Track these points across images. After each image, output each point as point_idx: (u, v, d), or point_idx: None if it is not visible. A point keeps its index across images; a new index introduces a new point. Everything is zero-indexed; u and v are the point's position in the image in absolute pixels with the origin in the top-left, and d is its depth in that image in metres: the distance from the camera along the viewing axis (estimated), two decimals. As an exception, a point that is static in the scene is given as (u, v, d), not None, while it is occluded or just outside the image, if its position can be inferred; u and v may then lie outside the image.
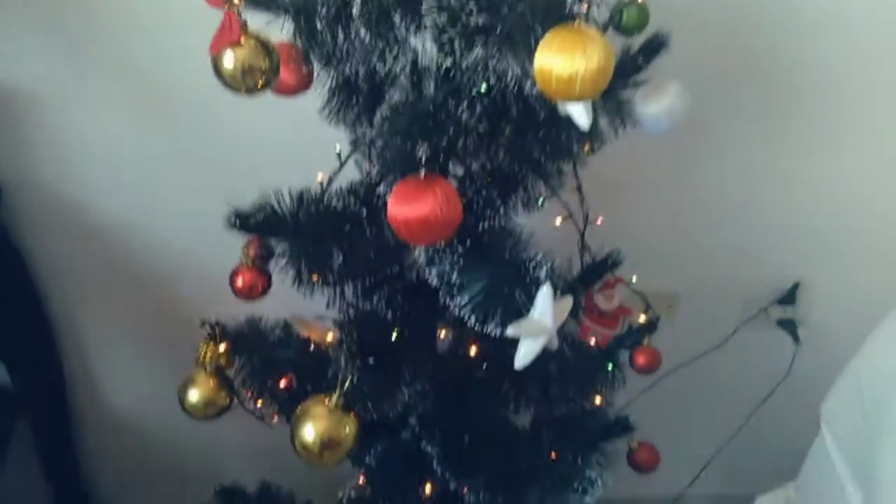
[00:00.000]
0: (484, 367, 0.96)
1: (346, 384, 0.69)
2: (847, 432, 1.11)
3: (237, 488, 1.12)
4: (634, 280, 1.00)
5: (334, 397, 0.69)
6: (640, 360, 0.98)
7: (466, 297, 0.72)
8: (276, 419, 1.04)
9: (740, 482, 1.50)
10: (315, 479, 1.12)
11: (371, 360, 0.70)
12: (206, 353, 0.89)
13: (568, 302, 0.69)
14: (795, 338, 1.41)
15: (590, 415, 1.02)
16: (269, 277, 0.81)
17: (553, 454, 0.84)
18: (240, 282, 0.79)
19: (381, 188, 0.73)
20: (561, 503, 0.78)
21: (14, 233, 1.23)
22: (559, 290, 0.68)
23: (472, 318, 0.71)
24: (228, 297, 0.92)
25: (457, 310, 0.73)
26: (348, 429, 0.69)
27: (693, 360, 1.37)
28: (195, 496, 1.48)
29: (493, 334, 0.71)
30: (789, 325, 1.41)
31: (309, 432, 0.68)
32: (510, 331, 0.66)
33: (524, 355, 0.68)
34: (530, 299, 0.68)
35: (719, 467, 1.54)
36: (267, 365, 0.91)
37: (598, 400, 1.00)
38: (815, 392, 1.24)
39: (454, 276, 0.74)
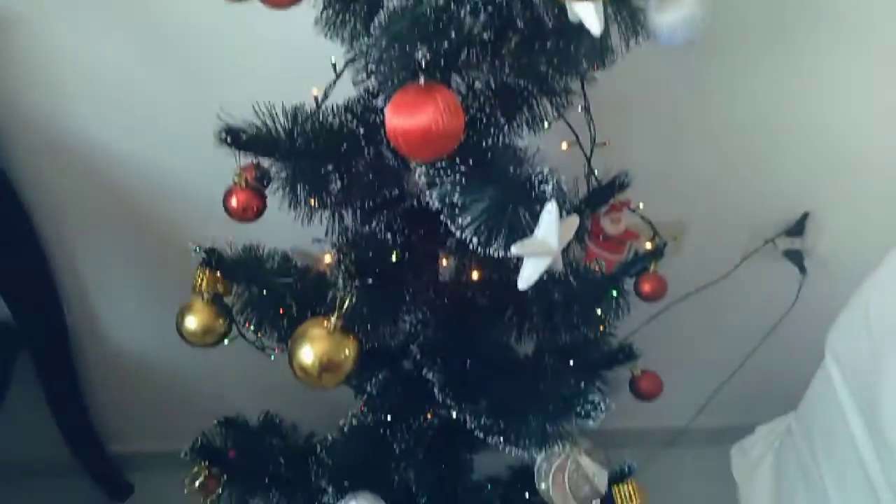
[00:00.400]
0: (486, 295, 0.95)
1: (345, 305, 0.67)
2: (852, 361, 1.10)
3: (240, 419, 1.12)
4: (641, 207, 0.97)
5: (333, 318, 0.67)
6: (646, 287, 0.96)
7: (469, 218, 0.69)
8: (276, 350, 1.04)
9: (742, 414, 1.52)
10: (317, 409, 1.12)
11: (370, 281, 0.68)
12: (202, 280, 0.87)
13: (574, 221, 0.66)
14: (802, 269, 1.39)
15: (593, 343, 1.01)
16: (264, 198, 0.78)
17: (555, 382, 0.83)
18: (234, 202, 0.76)
19: (380, 101, 0.69)
20: (562, 427, 0.77)
21: (5, 163, 1.20)
22: (565, 209, 0.65)
23: (475, 240, 0.68)
24: (227, 223, 0.89)
25: (459, 232, 0.71)
26: (348, 351, 0.68)
27: (698, 291, 1.36)
28: (198, 427, 1.50)
29: (495, 258, 0.68)
30: (796, 257, 1.39)
31: (307, 354, 0.66)
32: (514, 250, 0.64)
33: (528, 276, 0.65)
34: (535, 218, 0.66)
35: (722, 399, 1.55)
36: (265, 292, 0.89)
37: (601, 328, 0.98)
38: (820, 324, 1.23)
39: (456, 197, 0.71)
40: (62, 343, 1.38)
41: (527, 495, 1.50)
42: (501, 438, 0.81)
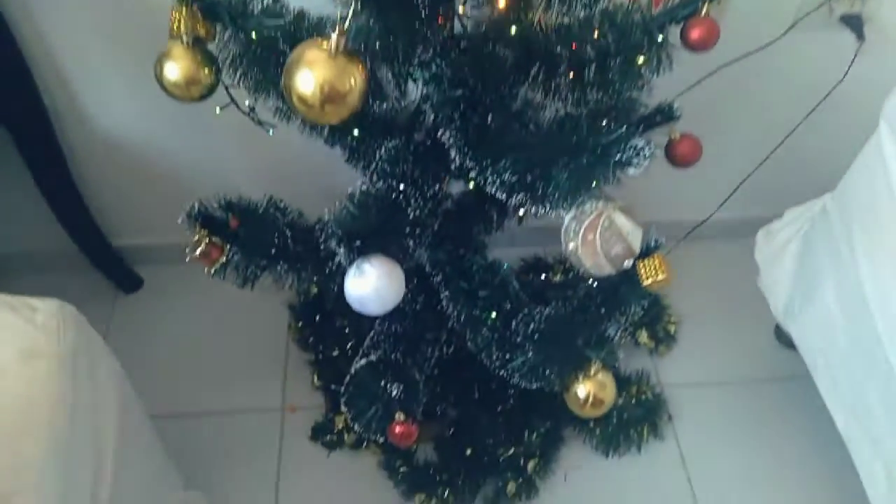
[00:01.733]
0: (510, 46, 0.82)
1: (349, 20, 0.55)
2: (911, 127, 0.99)
3: (248, 202, 1.03)
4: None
5: (334, 37, 0.56)
6: (695, 33, 0.82)
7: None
8: (274, 127, 0.94)
9: (775, 204, 1.44)
10: (326, 199, 1.05)
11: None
12: (179, 20, 0.74)
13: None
14: (860, 35, 1.23)
15: (629, 103, 0.90)
16: None
17: (590, 133, 0.73)
18: None
19: None
20: (598, 179, 0.68)
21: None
22: None
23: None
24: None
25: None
26: (354, 80, 0.57)
27: (741, 59, 1.21)
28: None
29: None
30: (855, 22, 1.23)
31: (306, 82, 0.56)
32: None
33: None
34: None
35: (754, 187, 1.46)
36: (254, 37, 0.77)
37: (640, 85, 0.87)
38: (872, 100, 1.10)
39: None
40: (43, 125, 1.28)
41: (542, 276, 1.48)
42: (527, 196, 0.73)
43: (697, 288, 1.56)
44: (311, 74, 0.55)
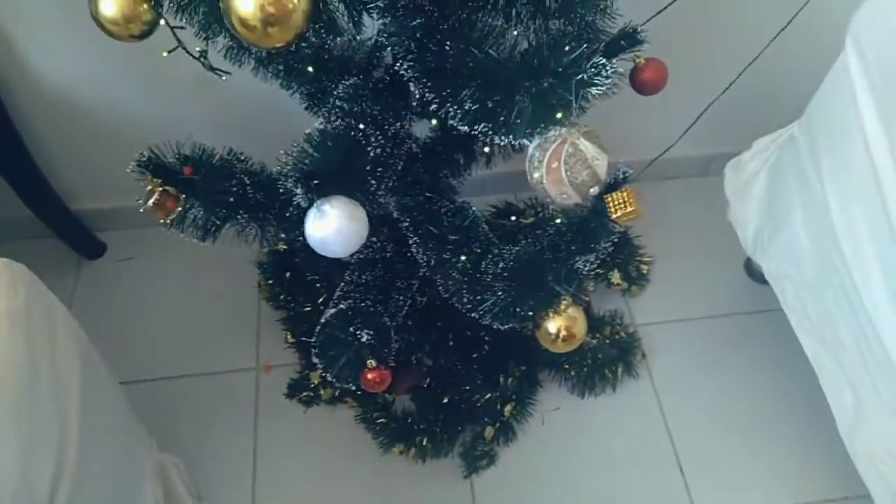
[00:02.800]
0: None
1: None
2: (878, 49, 0.98)
3: (203, 151, 0.98)
4: None
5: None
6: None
7: None
8: (228, 74, 0.89)
9: (736, 139, 1.43)
10: (283, 147, 1.01)
11: None
12: (111, -49, 0.69)
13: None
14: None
15: (591, 27, 0.87)
16: None
17: (551, 52, 0.71)
18: None
19: None
20: (561, 98, 0.66)
21: None
22: None
23: None
24: None
25: None
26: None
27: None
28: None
29: None
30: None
31: (246, 3, 0.52)
32: None
33: None
34: None
35: (714, 123, 1.45)
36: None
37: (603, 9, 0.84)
38: (840, 24, 1.09)
39: None
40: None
41: (511, 218, 1.47)
42: (489, 126, 0.71)
43: (669, 226, 1.56)
44: (248, -6, 0.52)
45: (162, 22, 0.76)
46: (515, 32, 0.81)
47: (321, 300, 1.35)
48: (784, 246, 1.23)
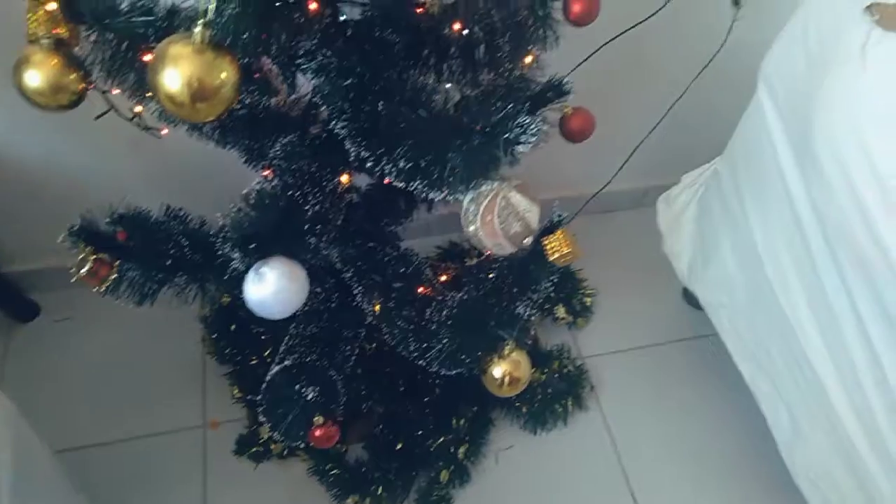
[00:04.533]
0: (399, 30, 0.81)
1: (212, 12, 0.52)
2: (786, 87, 1.05)
3: (139, 213, 0.98)
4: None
5: (198, 31, 0.53)
6: (576, 6, 0.83)
7: None
8: (164, 131, 0.89)
9: (670, 173, 1.50)
10: (226, 202, 1.00)
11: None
12: (35, 22, 0.69)
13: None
14: (735, 1, 1.29)
15: (520, 81, 0.90)
16: None
17: (479, 110, 0.73)
18: None
19: None
20: (490, 158, 0.68)
21: None
22: None
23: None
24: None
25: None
26: (225, 73, 0.54)
27: (627, 31, 1.24)
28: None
29: None
30: (729, -11, 1.28)
31: (172, 79, 0.53)
32: None
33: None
34: None
35: (648, 157, 1.51)
36: (122, 35, 0.72)
37: (528, 60, 0.88)
38: (753, 63, 1.16)
39: None
40: None
41: (453, 262, 1.49)
42: (424, 182, 0.72)
43: (609, 259, 1.60)
44: (176, 71, 0.52)
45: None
46: (448, 86, 0.84)
47: (268, 353, 1.33)
48: (716, 275, 1.29)
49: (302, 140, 0.91)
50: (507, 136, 0.67)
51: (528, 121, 0.67)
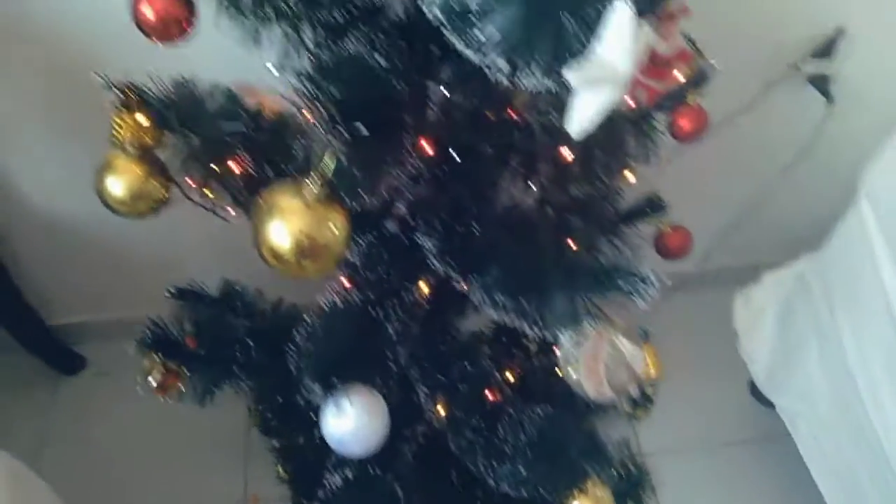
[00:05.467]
0: (490, 138, 0.76)
1: (330, 165, 0.47)
2: (892, 202, 0.98)
3: (195, 289, 0.95)
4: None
5: (313, 184, 0.48)
6: (684, 123, 0.78)
7: (491, 31, 0.49)
8: (232, 212, 0.85)
9: (749, 254, 1.43)
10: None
11: (362, 128, 0.48)
12: (122, 128, 0.65)
13: (646, 33, 0.47)
14: (828, 97, 1.22)
15: (613, 193, 0.85)
16: (192, 6, 0.54)
17: (572, 241, 0.68)
18: (147, 12, 0.52)
19: None
20: (598, 304, 0.62)
21: None
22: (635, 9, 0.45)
23: (500, 64, 0.48)
24: (148, 49, 0.65)
25: (474, 52, 0.51)
26: (336, 228, 0.49)
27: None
28: (149, 292, 1.33)
29: (510, 87, 0.49)
30: (822, 82, 1.22)
31: (281, 235, 0.48)
32: (570, 77, 0.44)
33: (586, 117, 0.47)
34: (590, 28, 0.46)
35: (729, 241, 1.44)
36: (210, 142, 0.68)
37: (628, 176, 0.82)
38: (843, 161, 1.09)
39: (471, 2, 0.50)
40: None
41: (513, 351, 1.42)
42: (521, 318, 0.66)
43: (672, 341, 1.52)
44: (284, 226, 0.48)
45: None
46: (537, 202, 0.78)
47: (315, 431, 1.27)
48: (798, 384, 1.21)
49: (380, 241, 0.86)
50: (621, 286, 0.61)
51: (647, 276, 0.60)
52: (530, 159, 0.79)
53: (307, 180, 0.48)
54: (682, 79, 0.72)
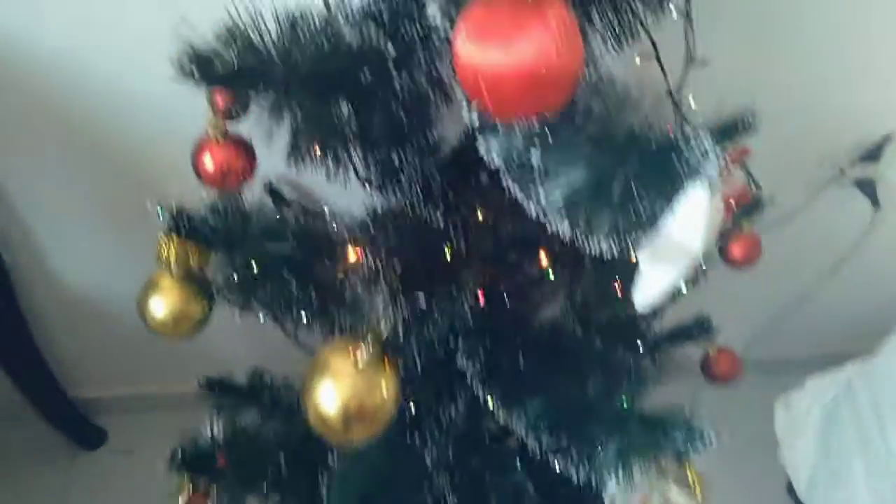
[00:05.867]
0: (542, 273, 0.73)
1: (386, 331, 0.45)
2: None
3: (224, 380, 0.93)
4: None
5: (366, 349, 0.46)
6: (737, 251, 0.76)
7: (555, 191, 0.47)
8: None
9: (779, 346, 1.39)
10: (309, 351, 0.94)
11: (422, 301, 0.46)
12: (169, 250, 0.64)
13: (719, 209, 0.45)
14: (875, 201, 1.20)
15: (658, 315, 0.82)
16: (253, 155, 0.54)
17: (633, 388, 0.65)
18: (208, 162, 0.52)
19: (433, 10, 0.45)
20: (650, 455, 0.59)
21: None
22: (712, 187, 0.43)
23: (565, 227, 0.47)
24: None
25: (534, 208, 0.49)
26: (386, 390, 0.47)
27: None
28: (173, 367, 1.31)
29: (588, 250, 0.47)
30: (869, 187, 1.20)
31: (329, 399, 0.46)
32: (638, 255, 0.43)
33: (651, 291, 0.44)
34: (664, 199, 0.44)
35: (772, 336, 1.40)
36: (253, 263, 0.67)
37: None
38: (890, 266, 1.06)
39: (533, 158, 0.49)
40: (3, 282, 1.16)
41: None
42: (566, 461, 0.63)
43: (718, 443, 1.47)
44: (334, 388, 0.46)
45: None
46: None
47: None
48: (843, 497, 1.14)
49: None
50: (677, 443, 0.58)
51: (704, 430, 0.57)
52: (575, 279, 0.77)
53: (361, 342, 0.46)
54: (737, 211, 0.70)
